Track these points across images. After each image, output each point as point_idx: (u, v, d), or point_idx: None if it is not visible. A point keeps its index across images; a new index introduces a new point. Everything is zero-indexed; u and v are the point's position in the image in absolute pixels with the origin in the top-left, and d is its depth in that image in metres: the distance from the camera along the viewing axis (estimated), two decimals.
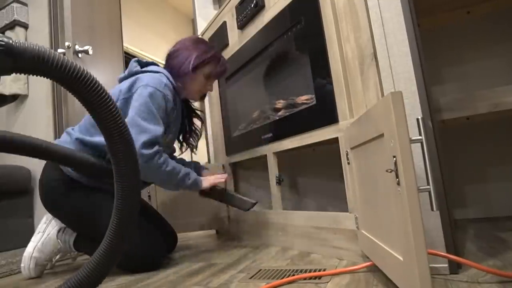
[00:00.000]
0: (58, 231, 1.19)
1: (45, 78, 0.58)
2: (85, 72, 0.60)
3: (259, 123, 1.46)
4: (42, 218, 1.25)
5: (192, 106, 1.43)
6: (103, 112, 0.63)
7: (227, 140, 1.70)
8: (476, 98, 1.18)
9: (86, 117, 1.18)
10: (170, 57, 1.27)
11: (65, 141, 1.13)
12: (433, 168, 0.64)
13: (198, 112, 1.44)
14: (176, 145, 1.42)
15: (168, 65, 1.26)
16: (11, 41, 0.52)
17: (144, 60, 1.28)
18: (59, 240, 1.17)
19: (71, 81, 0.59)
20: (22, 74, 0.56)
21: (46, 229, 1.20)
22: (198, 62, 1.22)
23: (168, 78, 1.19)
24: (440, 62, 1.57)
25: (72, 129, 1.19)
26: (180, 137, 1.41)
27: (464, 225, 1.33)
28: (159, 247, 1.17)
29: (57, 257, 1.22)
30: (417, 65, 0.82)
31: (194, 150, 1.45)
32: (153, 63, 1.26)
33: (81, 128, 1.16)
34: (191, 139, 1.42)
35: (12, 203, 1.88)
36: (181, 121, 1.33)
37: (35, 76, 0.56)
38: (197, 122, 1.45)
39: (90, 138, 1.11)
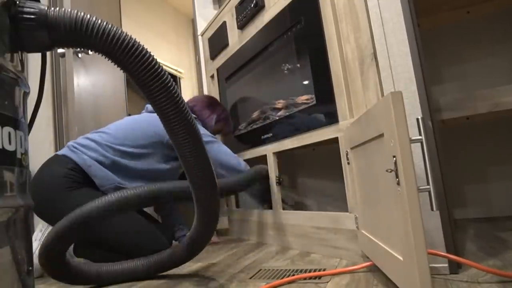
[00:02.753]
0: None
1: (89, 50, 0.51)
2: (135, 43, 0.52)
3: (259, 123, 1.46)
4: (38, 224, 1.23)
5: None
6: (157, 91, 0.54)
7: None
8: (476, 98, 1.18)
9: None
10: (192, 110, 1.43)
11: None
12: (433, 168, 0.64)
13: None
14: None
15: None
16: (42, 7, 0.45)
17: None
18: None
19: (118, 54, 0.51)
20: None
21: (42, 238, 1.17)
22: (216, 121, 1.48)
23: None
24: (440, 62, 1.57)
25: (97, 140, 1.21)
26: None
27: (464, 225, 1.33)
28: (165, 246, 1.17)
29: None
30: (417, 65, 0.82)
31: None
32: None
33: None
34: None
35: None
36: None
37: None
38: None
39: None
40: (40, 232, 1.20)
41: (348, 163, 0.96)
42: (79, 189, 1.11)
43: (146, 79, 0.54)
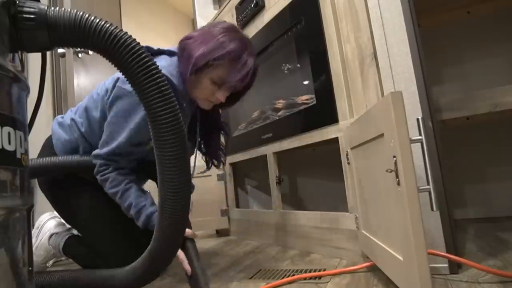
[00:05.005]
0: (49, 237, 1.14)
1: (88, 49, 0.52)
2: (132, 42, 0.52)
3: (259, 123, 1.46)
4: (35, 221, 1.22)
5: (213, 114, 1.11)
6: (151, 90, 0.55)
7: None
8: (476, 98, 1.18)
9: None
10: (179, 47, 0.97)
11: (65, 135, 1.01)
12: (433, 168, 0.64)
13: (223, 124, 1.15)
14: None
15: (179, 58, 0.96)
16: (42, 7, 0.46)
17: (156, 48, 0.96)
18: (50, 246, 1.14)
19: (118, 54, 0.51)
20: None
21: (38, 235, 1.17)
22: (202, 62, 0.88)
23: (176, 72, 0.92)
24: (440, 62, 1.57)
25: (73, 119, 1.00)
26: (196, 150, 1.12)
27: (464, 225, 1.33)
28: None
29: (51, 262, 1.19)
30: (417, 65, 0.82)
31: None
32: (167, 52, 0.97)
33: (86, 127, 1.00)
34: (210, 156, 1.13)
35: None
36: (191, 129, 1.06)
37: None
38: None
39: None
40: (37, 229, 1.19)
41: (348, 163, 0.96)
42: (74, 184, 1.02)
43: (144, 84, 0.55)
